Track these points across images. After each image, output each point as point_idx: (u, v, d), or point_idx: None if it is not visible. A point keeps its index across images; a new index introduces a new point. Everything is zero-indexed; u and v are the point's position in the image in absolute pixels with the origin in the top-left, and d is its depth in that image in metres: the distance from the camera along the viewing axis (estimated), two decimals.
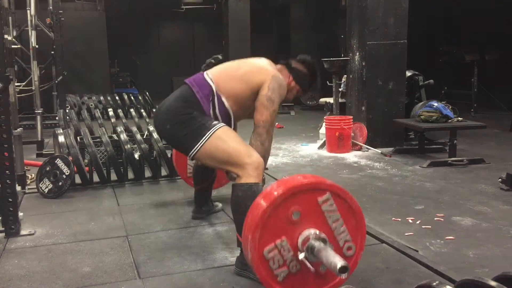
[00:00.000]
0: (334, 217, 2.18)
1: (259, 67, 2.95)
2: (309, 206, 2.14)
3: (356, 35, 6.44)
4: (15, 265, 2.89)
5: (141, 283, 2.63)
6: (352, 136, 6.22)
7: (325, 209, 2.16)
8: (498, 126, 7.76)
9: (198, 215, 3.65)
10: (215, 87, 2.89)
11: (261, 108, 2.81)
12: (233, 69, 3.00)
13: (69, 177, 4.34)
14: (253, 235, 2.07)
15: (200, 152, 2.76)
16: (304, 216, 2.14)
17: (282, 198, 2.09)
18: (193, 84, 2.92)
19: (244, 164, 2.64)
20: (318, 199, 2.15)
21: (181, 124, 2.81)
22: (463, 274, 2.42)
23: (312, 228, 2.14)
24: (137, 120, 6.89)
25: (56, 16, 8.69)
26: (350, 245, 2.23)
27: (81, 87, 11.18)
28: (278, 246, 2.11)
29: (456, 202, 4.03)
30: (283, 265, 2.13)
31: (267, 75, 2.87)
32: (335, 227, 2.19)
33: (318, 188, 2.16)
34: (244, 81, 2.89)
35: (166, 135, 3.00)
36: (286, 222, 2.12)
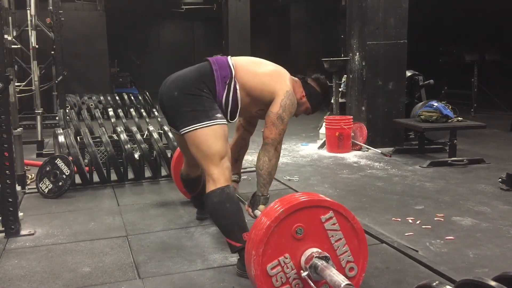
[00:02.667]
0: (336, 236, 2.19)
1: (279, 76, 2.95)
2: (312, 223, 2.15)
3: (356, 35, 6.44)
4: (15, 265, 2.89)
5: (141, 283, 2.63)
6: (352, 136, 6.22)
7: (328, 227, 2.17)
8: (498, 126, 7.75)
9: (203, 216, 3.65)
10: (234, 73, 2.87)
11: (271, 125, 2.82)
12: (256, 65, 2.99)
13: (69, 177, 4.34)
14: (257, 250, 2.07)
15: (190, 134, 2.75)
16: (307, 233, 2.14)
17: (286, 213, 2.10)
18: (214, 62, 2.90)
19: (215, 167, 2.68)
20: (321, 217, 2.16)
21: (188, 97, 2.78)
22: (463, 274, 2.42)
23: (315, 247, 2.14)
24: (137, 120, 6.90)
25: (56, 16, 8.69)
26: (352, 266, 2.23)
27: (81, 87, 11.18)
28: (282, 263, 2.12)
29: (456, 202, 4.03)
30: (286, 283, 2.13)
31: (283, 89, 2.87)
32: (338, 246, 2.19)
33: (322, 205, 2.17)
34: (261, 81, 2.89)
35: (169, 102, 2.90)
36: (290, 239, 2.13)
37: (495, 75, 9.77)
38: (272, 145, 2.84)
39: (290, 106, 2.86)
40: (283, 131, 2.86)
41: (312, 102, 3.13)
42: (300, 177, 4.99)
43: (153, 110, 9.82)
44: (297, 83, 3.09)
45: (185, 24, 16.37)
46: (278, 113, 2.82)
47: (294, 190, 4.35)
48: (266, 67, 3.00)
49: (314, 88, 3.12)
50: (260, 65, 3.00)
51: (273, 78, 2.91)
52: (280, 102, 2.83)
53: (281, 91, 2.85)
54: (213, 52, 7.89)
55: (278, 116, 2.81)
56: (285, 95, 2.85)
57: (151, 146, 4.96)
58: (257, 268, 2.08)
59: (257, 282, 2.10)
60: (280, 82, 2.91)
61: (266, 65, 3.02)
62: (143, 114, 9.31)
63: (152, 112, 9.59)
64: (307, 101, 3.11)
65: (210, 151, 2.71)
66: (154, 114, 8.58)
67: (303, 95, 3.08)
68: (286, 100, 2.85)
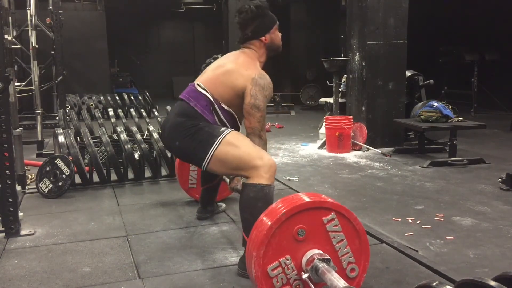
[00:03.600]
0: (338, 238, 2.19)
1: (238, 70, 2.87)
2: (314, 225, 2.14)
3: (356, 35, 6.45)
4: (15, 265, 2.89)
5: (141, 283, 2.63)
6: (352, 136, 6.22)
7: (329, 229, 2.17)
8: (498, 126, 7.76)
9: (203, 215, 3.64)
10: (211, 96, 2.87)
11: (248, 116, 2.80)
12: (217, 73, 2.94)
13: (69, 177, 4.34)
14: (258, 251, 2.07)
15: (212, 161, 2.74)
16: (308, 235, 2.14)
17: (288, 215, 2.09)
18: (189, 98, 2.90)
19: (256, 166, 2.63)
20: (323, 219, 2.16)
21: (189, 137, 2.80)
22: (463, 274, 2.42)
23: (316, 248, 2.14)
24: (137, 120, 6.89)
25: (56, 16, 8.69)
26: (354, 267, 2.23)
27: (81, 87, 11.18)
28: (282, 264, 2.11)
29: (456, 202, 4.03)
30: (286, 284, 2.13)
31: (247, 79, 2.81)
32: (339, 248, 2.19)
33: (323, 207, 2.16)
34: (229, 86, 2.86)
35: (177, 152, 3.01)
36: (291, 240, 2.12)
37: (495, 75, 9.77)
38: (254, 134, 2.81)
39: (261, 90, 2.79)
40: (262, 118, 2.81)
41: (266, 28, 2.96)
42: (300, 177, 4.99)
43: (153, 110, 9.82)
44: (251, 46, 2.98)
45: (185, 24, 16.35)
46: (250, 103, 2.78)
47: (294, 190, 4.35)
48: (224, 69, 2.92)
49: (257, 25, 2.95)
50: (220, 71, 2.93)
51: (234, 76, 2.85)
52: (249, 92, 2.79)
53: (247, 82, 2.80)
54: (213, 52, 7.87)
55: (251, 105, 2.78)
56: (252, 83, 2.79)
57: (151, 146, 4.96)
58: (257, 269, 2.08)
59: (257, 283, 2.10)
60: (242, 76, 2.84)
61: (225, 64, 2.95)
62: (143, 114, 9.31)
63: (152, 112, 9.58)
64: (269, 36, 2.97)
65: (237, 158, 2.68)
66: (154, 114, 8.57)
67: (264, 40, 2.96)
68: (255, 88, 2.79)
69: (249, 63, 2.92)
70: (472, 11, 10.19)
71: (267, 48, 3.01)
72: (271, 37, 3.00)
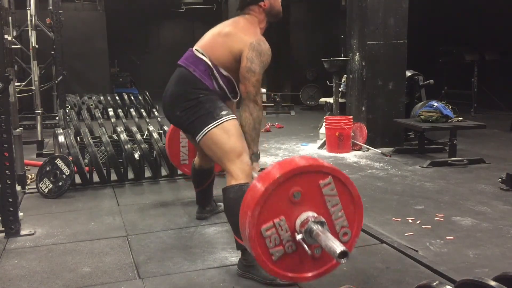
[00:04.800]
0: (333, 202, 2.17)
1: (237, 34, 2.85)
2: (310, 188, 2.13)
3: (356, 35, 6.44)
4: (15, 265, 2.89)
5: (141, 283, 2.63)
6: (352, 136, 6.22)
7: (325, 192, 2.15)
8: (498, 126, 7.75)
9: (203, 216, 3.65)
10: (209, 59, 2.84)
11: (243, 80, 2.77)
12: (216, 37, 2.92)
13: (69, 177, 4.34)
14: (253, 212, 2.05)
15: (203, 140, 2.77)
16: (304, 197, 2.12)
17: (285, 177, 2.08)
18: (188, 64, 2.87)
19: (234, 164, 2.67)
20: (320, 182, 2.14)
21: (189, 110, 2.79)
22: (463, 274, 2.42)
23: (311, 211, 2.13)
24: (137, 120, 6.90)
25: (56, 16, 8.69)
26: (346, 231, 2.22)
27: (81, 87, 11.17)
28: (276, 225, 2.10)
29: (456, 202, 4.03)
30: (279, 244, 2.12)
31: (245, 44, 2.79)
32: (334, 212, 2.18)
33: (321, 171, 2.15)
34: (227, 50, 2.83)
35: (175, 121, 2.99)
36: (287, 202, 2.11)
37: (495, 75, 9.77)
38: (249, 99, 2.77)
39: (258, 56, 2.78)
40: (257, 82, 2.78)
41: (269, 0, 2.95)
42: None
43: (153, 110, 9.83)
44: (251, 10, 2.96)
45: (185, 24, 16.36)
46: (246, 66, 2.76)
47: None
48: (223, 32, 2.90)
49: None
50: (219, 34, 2.92)
51: (233, 40, 2.83)
52: (246, 56, 2.76)
53: (244, 47, 2.78)
54: None
55: (247, 69, 2.75)
56: (249, 48, 2.77)
57: (151, 146, 4.96)
58: (251, 229, 2.06)
59: (250, 243, 2.09)
60: (241, 40, 2.81)
61: (224, 29, 2.94)
62: (143, 114, 9.31)
63: (152, 112, 9.60)
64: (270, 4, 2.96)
65: (224, 149, 2.71)
66: (154, 114, 8.59)
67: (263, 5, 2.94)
68: (251, 53, 2.77)
69: (248, 28, 2.90)
70: (472, 11, 10.19)
71: (266, 13, 2.98)
72: (270, 2, 2.97)
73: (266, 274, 2.57)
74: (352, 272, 2.71)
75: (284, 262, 2.15)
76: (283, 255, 2.14)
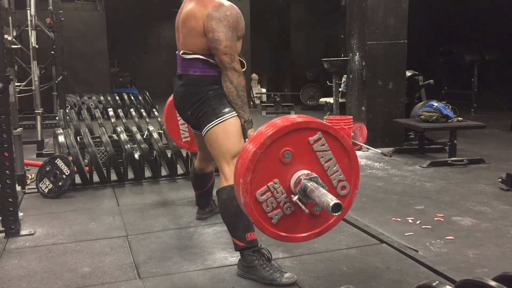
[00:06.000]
0: (326, 157, 2.15)
1: (193, 14, 2.75)
2: (300, 146, 2.10)
3: (356, 35, 6.44)
4: (15, 265, 2.89)
5: (141, 283, 2.63)
6: (352, 136, 6.22)
7: (316, 149, 2.13)
8: (498, 126, 7.76)
9: (203, 216, 3.65)
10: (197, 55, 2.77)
11: (213, 51, 2.70)
12: (183, 29, 2.84)
13: (69, 177, 4.34)
14: (245, 178, 2.04)
15: (206, 136, 2.78)
16: (295, 157, 2.10)
17: (272, 139, 2.05)
18: (185, 69, 2.85)
19: (227, 165, 2.68)
20: (309, 139, 2.11)
21: (198, 107, 2.79)
22: (463, 274, 2.42)
23: (304, 169, 2.11)
24: (137, 120, 6.89)
25: (56, 16, 8.68)
26: (344, 184, 2.21)
27: (81, 87, 11.16)
28: (271, 188, 2.09)
29: (456, 202, 4.03)
30: (277, 207, 2.11)
31: (202, 19, 2.69)
32: (328, 167, 2.16)
33: (309, 127, 2.11)
34: (198, 35, 2.74)
35: (189, 121, 3.00)
36: (278, 164, 2.09)
37: (495, 75, 9.77)
38: (225, 67, 2.69)
39: (217, 23, 2.66)
40: (226, 49, 2.67)
41: None
42: None
43: (153, 110, 9.82)
44: None
45: None
46: (210, 38, 2.67)
47: None
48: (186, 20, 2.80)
49: None
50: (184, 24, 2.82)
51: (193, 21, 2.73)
52: (206, 29, 2.67)
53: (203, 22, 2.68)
54: None
55: (211, 40, 2.67)
56: (206, 19, 2.67)
57: (151, 146, 4.96)
58: (246, 196, 2.05)
59: (247, 209, 2.07)
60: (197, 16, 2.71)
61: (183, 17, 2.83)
62: (143, 114, 9.30)
63: (152, 112, 9.59)
64: None
65: (221, 149, 2.72)
66: (154, 114, 8.58)
67: None
68: (210, 22, 2.66)
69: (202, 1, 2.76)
70: (472, 11, 10.19)
71: None
72: None
73: (265, 274, 2.57)
74: (352, 272, 2.71)
75: (284, 225, 2.13)
76: (282, 218, 2.13)
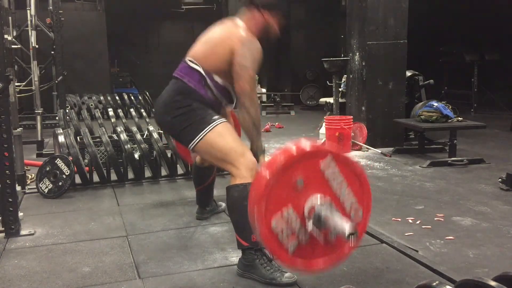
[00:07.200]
0: (337, 181, 2.15)
1: (225, 34, 2.82)
2: (312, 172, 2.10)
3: (356, 35, 6.44)
4: (15, 265, 2.89)
5: (141, 283, 2.63)
6: (352, 136, 6.22)
7: (328, 173, 2.13)
8: (498, 126, 7.76)
9: (203, 216, 3.64)
10: (202, 69, 2.82)
11: (236, 77, 2.72)
12: (206, 43, 2.89)
13: (69, 177, 4.34)
14: (259, 206, 2.03)
15: (198, 146, 2.75)
16: (308, 182, 2.10)
17: (285, 166, 2.05)
18: (182, 75, 2.86)
19: (238, 164, 2.65)
20: (321, 164, 2.11)
21: (181, 116, 2.78)
22: (463, 274, 2.42)
23: (317, 193, 2.10)
24: (137, 120, 6.89)
25: (56, 16, 8.68)
26: (357, 208, 2.20)
27: (81, 87, 11.16)
28: (285, 216, 2.08)
29: (456, 202, 4.03)
30: (292, 236, 2.10)
31: (234, 41, 2.74)
32: (340, 191, 2.15)
33: (320, 153, 2.12)
34: (218, 54, 2.79)
35: (166, 127, 2.98)
36: (291, 191, 2.08)
37: (495, 75, 9.77)
38: (244, 95, 2.71)
39: (249, 51, 2.72)
40: (251, 79, 2.72)
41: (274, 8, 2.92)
42: None
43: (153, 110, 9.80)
44: (250, 13, 2.90)
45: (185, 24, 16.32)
46: (238, 62, 2.71)
47: None
48: (213, 37, 2.88)
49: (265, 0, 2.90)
50: (208, 39, 2.89)
51: (222, 42, 2.80)
52: (237, 52, 2.71)
53: (235, 45, 2.73)
54: None
55: (239, 65, 2.71)
56: (240, 44, 2.72)
57: (151, 146, 4.96)
58: (261, 225, 2.04)
59: (263, 239, 2.07)
60: (229, 37, 2.78)
61: (213, 33, 2.90)
62: (143, 114, 9.30)
63: (152, 112, 9.58)
64: (270, 15, 2.90)
65: (225, 150, 2.69)
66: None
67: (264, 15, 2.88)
68: (243, 48, 2.72)
69: (237, 27, 2.84)
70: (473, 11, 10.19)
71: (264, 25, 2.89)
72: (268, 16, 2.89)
73: (266, 273, 2.57)
74: (352, 272, 2.71)
75: (301, 253, 2.12)
76: (298, 246, 2.11)
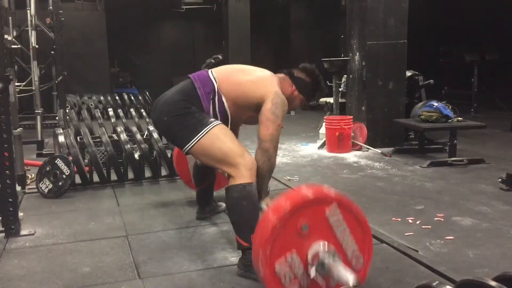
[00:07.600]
0: (341, 228, 2.18)
1: (264, 80, 2.94)
2: (317, 218, 2.14)
3: (356, 35, 6.44)
4: (15, 265, 2.89)
5: (141, 283, 2.63)
6: (352, 136, 6.22)
7: (332, 220, 2.16)
8: (498, 126, 7.75)
9: (203, 216, 3.64)
10: (217, 86, 2.90)
11: (267, 122, 2.78)
12: (238, 74, 3.00)
13: (69, 177, 4.34)
14: (264, 250, 2.07)
15: (194, 148, 2.77)
16: (312, 229, 2.13)
17: (291, 212, 2.09)
18: (196, 79, 2.92)
19: (237, 164, 2.66)
20: (326, 212, 2.15)
21: (178, 117, 2.81)
22: (463, 274, 2.42)
23: (321, 240, 2.13)
24: (137, 120, 6.90)
25: (56, 16, 8.68)
26: (358, 256, 2.23)
27: (81, 87, 11.16)
28: (289, 260, 2.11)
29: (456, 202, 4.03)
30: (294, 280, 2.13)
31: (270, 91, 2.85)
32: (343, 238, 2.19)
33: (326, 200, 2.16)
34: (246, 90, 2.89)
35: (162, 127, 3.02)
36: (296, 236, 2.12)
37: (495, 75, 9.77)
38: (271, 141, 2.76)
39: (281, 103, 2.83)
40: (279, 128, 2.81)
41: (304, 92, 3.09)
42: (300, 177, 4.99)
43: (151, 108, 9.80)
44: (285, 80, 3.06)
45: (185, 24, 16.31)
46: (271, 109, 2.79)
47: None
48: (250, 74, 2.99)
49: (303, 80, 3.08)
50: (244, 73, 3.01)
51: (258, 84, 2.91)
52: (271, 100, 2.81)
53: (269, 93, 2.84)
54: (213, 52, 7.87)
55: (272, 112, 2.78)
56: (274, 94, 2.83)
57: (151, 146, 4.96)
58: (265, 268, 2.07)
59: (266, 281, 2.10)
60: (266, 85, 2.90)
61: (251, 72, 3.02)
62: (143, 114, 9.28)
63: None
64: (299, 94, 3.07)
65: (223, 152, 2.72)
66: None
67: (294, 89, 3.04)
68: (277, 99, 2.82)
69: (275, 81, 2.97)
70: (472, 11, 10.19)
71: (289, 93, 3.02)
72: (295, 97, 3.05)
73: None
74: None
75: None
76: None
